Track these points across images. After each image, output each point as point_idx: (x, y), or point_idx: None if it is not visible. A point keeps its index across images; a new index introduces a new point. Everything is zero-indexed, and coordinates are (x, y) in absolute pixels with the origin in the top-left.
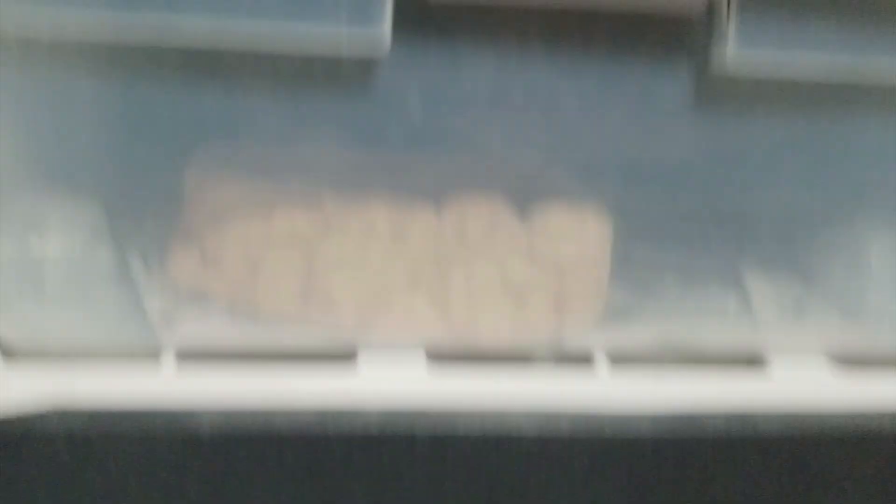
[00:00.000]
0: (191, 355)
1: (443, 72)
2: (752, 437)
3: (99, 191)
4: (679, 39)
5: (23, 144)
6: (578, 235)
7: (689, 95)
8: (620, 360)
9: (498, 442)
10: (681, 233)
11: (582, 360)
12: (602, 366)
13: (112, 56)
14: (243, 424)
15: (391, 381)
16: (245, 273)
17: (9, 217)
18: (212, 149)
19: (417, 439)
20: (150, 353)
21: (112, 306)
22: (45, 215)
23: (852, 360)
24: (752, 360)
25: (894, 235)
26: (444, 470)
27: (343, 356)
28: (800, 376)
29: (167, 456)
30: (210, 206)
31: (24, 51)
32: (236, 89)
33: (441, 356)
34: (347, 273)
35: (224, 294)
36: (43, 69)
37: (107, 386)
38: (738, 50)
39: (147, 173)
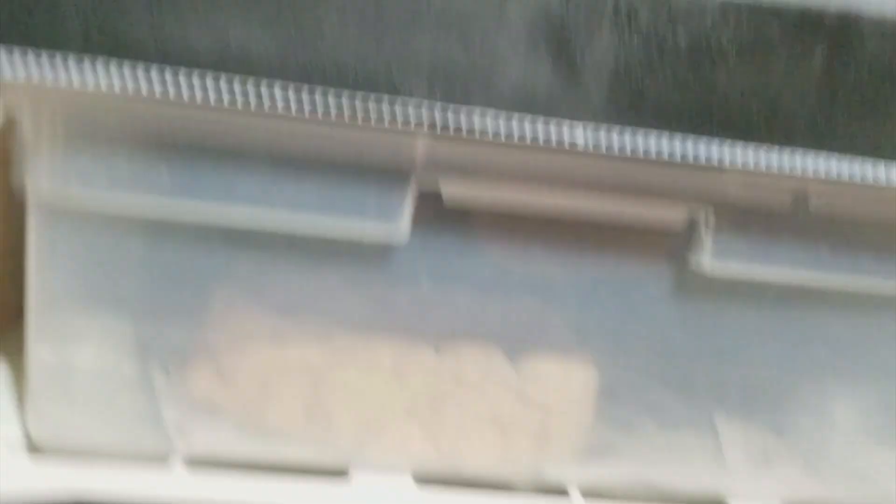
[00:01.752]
0: (198, 462)
1: (454, 258)
2: None
3: (130, 311)
4: (663, 246)
5: (67, 274)
6: (565, 381)
7: (671, 290)
8: (594, 495)
9: None
10: (660, 385)
11: (559, 493)
12: (577, 499)
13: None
14: None
15: (380, 494)
16: (256, 392)
17: (46, 328)
18: (237, 288)
19: None
20: (161, 457)
21: (131, 413)
22: (80, 329)
23: None
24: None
25: (855, 400)
26: None
27: (336, 472)
28: None
29: None
30: (230, 330)
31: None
32: (265, 256)
33: (427, 480)
34: (349, 399)
35: (235, 409)
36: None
37: (120, 484)
38: (714, 258)
39: (175, 302)
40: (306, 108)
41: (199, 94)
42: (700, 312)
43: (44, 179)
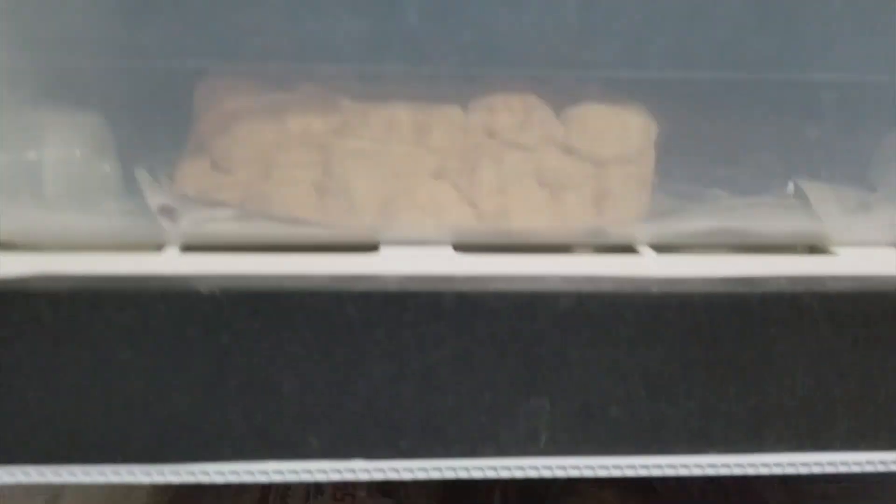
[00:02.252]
0: (197, 248)
1: None
2: (814, 297)
3: (103, 103)
4: None
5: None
6: (620, 133)
7: None
8: (668, 250)
9: (532, 304)
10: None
11: (626, 250)
12: (648, 253)
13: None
14: (247, 286)
15: (416, 262)
16: (257, 177)
17: (10, 126)
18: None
19: (444, 300)
20: (154, 247)
21: (116, 211)
22: (52, 126)
23: None
24: (814, 249)
25: None
26: (472, 334)
27: (364, 249)
28: (868, 256)
29: (166, 320)
30: (220, 114)
31: None
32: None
33: (470, 248)
34: (366, 167)
35: (235, 199)
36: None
37: (101, 265)
38: None
39: (154, 88)
40: None
41: None
42: None
43: None
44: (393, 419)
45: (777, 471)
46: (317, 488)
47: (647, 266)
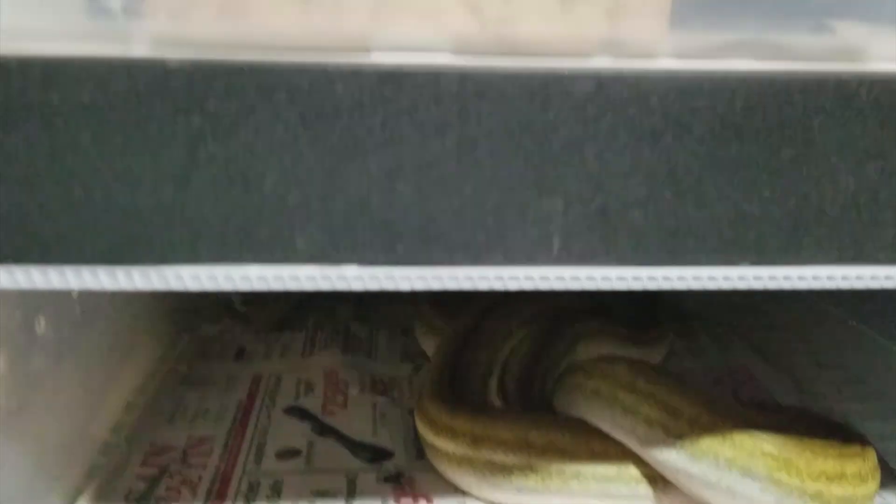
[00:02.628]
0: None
1: None
2: (862, 83)
3: None
4: None
5: None
6: None
7: None
8: (688, 57)
9: (546, 87)
10: None
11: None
12: (665, 63)
13: None
14: (222, 60)
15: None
16: None
17: None
18: None
19: (445, 80)
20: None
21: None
22: None
23: None
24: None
25: None
26: (477, 122)
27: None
28: None
29: (129, 99)
30: None
31: None
32: None
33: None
34: None
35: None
36: None
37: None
38: None
39: None
40: None
41: None
42: None
43: None
44: (388, 220)
45: (815, 284)
46: (307, 385)
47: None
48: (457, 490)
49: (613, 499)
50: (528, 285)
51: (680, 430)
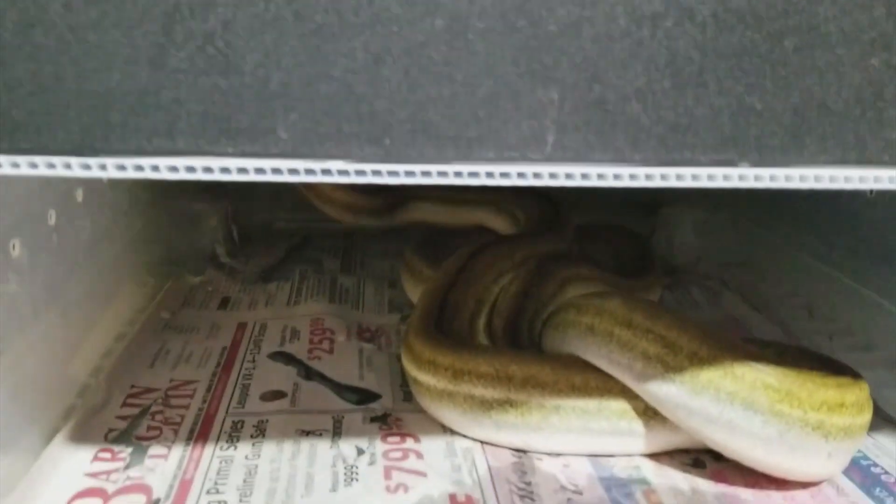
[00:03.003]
0: None
1: None
2: None
3: None
4: None
5: None
6: None
7: None
8: None
9: None
10: None
11: None
12: None
13: None
14: None
15: None
16: None
17: None
18: None
19: None
20: None
21: None
22: None
23: None
24: None
25: None
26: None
27: None
28: None
29: None
30: None
31: None
32: None
33: None
34: None
35: None
36: None
37: None
38: None
39: None
40: None
41: None
42: None
43: None
44: (375, 110)
45: (817, 185)
46: (293, 331)
47: None
48: (444, 430)
49: (594, 434)
50: (520, 182)
51: (679, 364)
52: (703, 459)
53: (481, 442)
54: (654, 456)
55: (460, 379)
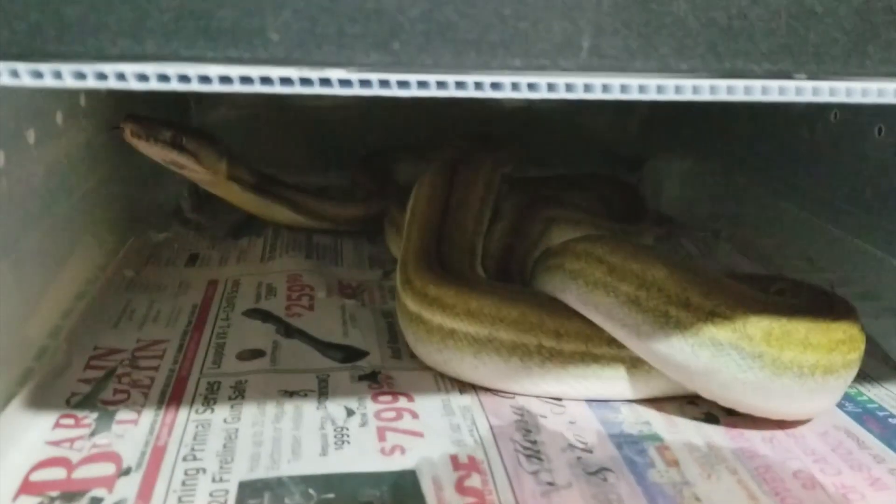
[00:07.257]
0: None
1: None
2: None
3: None
4: None
5: None
6: None
7: None
8: None
9: None
10: None
11: None
12: None
13: None
14: None
15: None
16: None
17: None
18: None
19: None
20: None
21: None
22: None
23: None
24: None
25: None
26: None
27: None
28: None
29: None
30: None
31: None
32: None
33: None
34: None
35: None
36: None
37: None
38: None
39: None
40: None
41: None
42: None
43: None
44: (383, 8)
45: (880, 100)
46: (268, 288)
47: None
48: (439, 387)
49: (581, 379)
50: (549, 95)
51: (675, 314)
52: (716, 414)
53: (480, 389)
54: (661, 409)
55: (489, 323)
